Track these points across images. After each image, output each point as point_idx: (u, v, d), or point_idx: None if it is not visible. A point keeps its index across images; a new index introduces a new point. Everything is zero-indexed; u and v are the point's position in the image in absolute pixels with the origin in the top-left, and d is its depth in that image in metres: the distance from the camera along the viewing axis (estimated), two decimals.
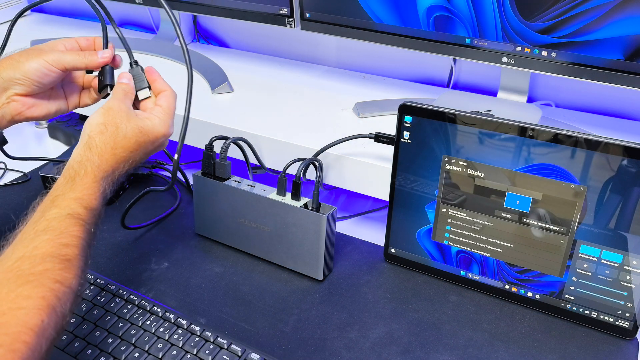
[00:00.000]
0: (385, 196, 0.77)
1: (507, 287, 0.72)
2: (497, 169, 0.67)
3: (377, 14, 0.85)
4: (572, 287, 0.67)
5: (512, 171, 0.66)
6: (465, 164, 0.68)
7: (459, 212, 0.71)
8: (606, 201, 0.62)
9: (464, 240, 0.72)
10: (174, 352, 0.62)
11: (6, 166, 1.01)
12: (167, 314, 0.66)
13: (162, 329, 0.65)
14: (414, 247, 0.76)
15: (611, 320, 0.67)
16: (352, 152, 0.81)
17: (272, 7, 0.96)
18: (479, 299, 0.73)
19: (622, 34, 0.69)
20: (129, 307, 0.67)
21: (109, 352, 0.62)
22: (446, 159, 0.69)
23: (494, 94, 0.89)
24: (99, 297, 0.69)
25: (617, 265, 0.64)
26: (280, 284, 0.76)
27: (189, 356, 0.62)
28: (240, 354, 0.62)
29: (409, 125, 0.70)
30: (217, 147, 0.79)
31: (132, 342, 0.64)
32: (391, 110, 0.89)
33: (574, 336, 0.67)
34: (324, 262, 0.74)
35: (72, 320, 0.53)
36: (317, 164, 0.76)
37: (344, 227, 0.89)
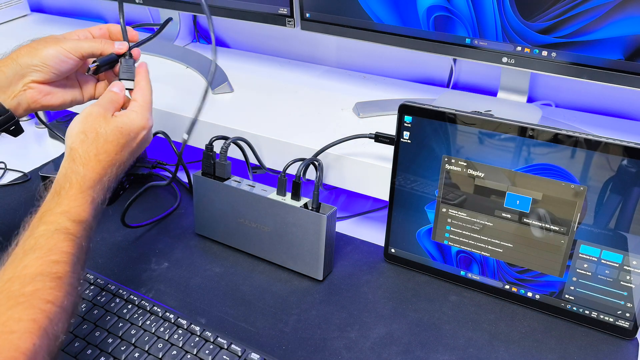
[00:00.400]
0: (385, 196, 0.77)
1: (507, 287, 0.72)
2: (497, 169, 0.67)
3: (377, 14, 0.85)
4: (572, 287, 0.67)
5: (512, 171, 0.66)
6: (465, 164, 0.68)
7: (459, 212, 0.71)
8: (606, 201, 0.62)
9: (464, 240, 0.72)
10: (174, 352, 0.62)
11: (6, 166, 1.01)
12: (167, 314, 0.66)
13: (162, 329, 0.65)
14: (414, 247, 0.76)
15: (611, 320, 0.67)
16: (352, 152, 0.81)
17: (272, 7, 0.96)
18: (479, 299, 0.73)
19: (622, 34, 0.69)
20: (129, 307, 0.67)
21: (109, 352, 0.62)
22: (446, 159, 0.69)
23: (494, 94, 0.89)
24: (99, 297, 0.69)
25: (617, 265, 0.64)
26: (280, 284, 0.76)
27: (189, 356, 0.62)
28: (240, 354, 0.62)
29: (409, 125, 0.70)
30: (217, 147, 0.79)
31: (132, 342, 0.64)
32: (391, 110, 0.89)
33: (574, 336, 0.67)
34: (324, 262, 0.74)
35: (72, 320, 0.52)
36: (317, 164, 0.76)
37: (344, 227, 0.89)
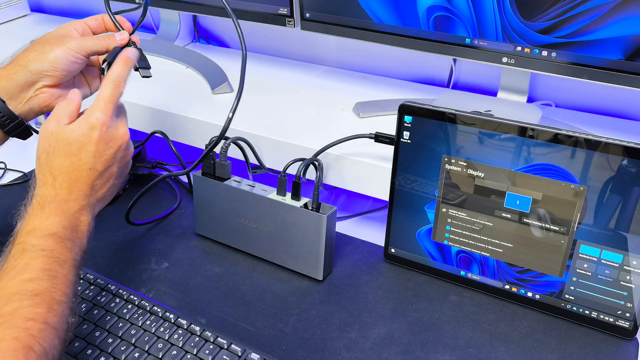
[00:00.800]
0: (385, 196, 0.77)
1: (507, 287, 0.72)
2: (497, 169, 0.67)
3: (377, 14, 0.85)
4: (572, 287, 0.67)
5: (512, 171, 0.66)
6: (465, 164, 0.68)
7: (459, 212, 0.71)
8: (606, 201, 0.62)
9: (464, 240, 0.72)
10: (174, 352, 0.62)
11: (6, 166, 1.01)
12: (167, 314, 0.66)
13: (162, 329, 0.65)
14: (414, 247, 0.76)
15: (611, 320, 0.67)
16: (352, 152, 0.81)
17: (272, 7, 0.96)
18: (479, 299, 0.73)
19: (622, 34, 0.69)
20: (129, 307, 0.67)
21: (109, 352, 0.62)
22: (446, 159, 0.69)
23: (494, 94, 0.89)
24: (99, 297, 0.69)
25: (617, 265, 0.64)
26: (280, 284, 0.76)
27: (189, 356, 0.62)
28: (240, 354, 0.62)
29: (409, 125, 0.70)
30: (217, 147, 0.79)
31: (132, 342, 0.64)
32: (391, 110, 0.89)
33: (574, 336, 0.67)
34: (324, 262, 0.74)
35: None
36: (317, 164, 0.76)
37: (344, 227, 0.89)
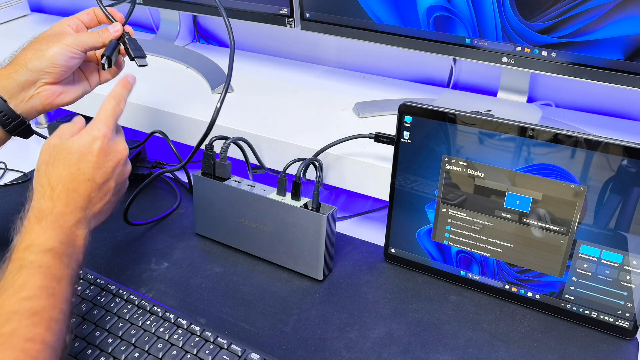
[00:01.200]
0: (385, 196, 0.77)
1: (507, 287, 0.72)
2: (497, 169, 0.67)
3: (377, 14, 0.85)
4: (572, 287, 0.67)
5: (512, 171, 0.66)
6: (465, 164, 0.68)
7: (459, 212, 0.71)
8: (606, 201, 0.62)
9: (464, 240, 0.72)
10: (174, 352, 0.62)
11: (6, 166, 1.01)
12: (167, 314, 0.66)
13: (162, 329, 0.65)
14: (414, 247, 0.76)
15: (611, 320, 0.67)
16: (352, 152, 0.81)
17: (272, 7, 0.96)
18: (479, 299, 0.73)
19: (622, 34, 0.69)
20: (129, 307, 0.67)
21: (109, 352, 0.62)
22: (446, 159, 0.69)
23: (494, 94, 0.89)
24: (99, 297, 0.69)
25: (617, 265, 0.64)
26: (280, 284, 0.76)
27: (189, 356, 0.62)
28: (240, 354, 0.62)
29: (409, 125, 0.70)
30: (217, 147, 0.79)
31: (132, 342, 0.64)
32: (391, 110, 0.89)
33: (574, 336, 0.67)
34: (324, 262, 0.74)
35: (72, 320, 0.52)
36: (317, 164, 0.76)
37: (344, 227, 0.89)
